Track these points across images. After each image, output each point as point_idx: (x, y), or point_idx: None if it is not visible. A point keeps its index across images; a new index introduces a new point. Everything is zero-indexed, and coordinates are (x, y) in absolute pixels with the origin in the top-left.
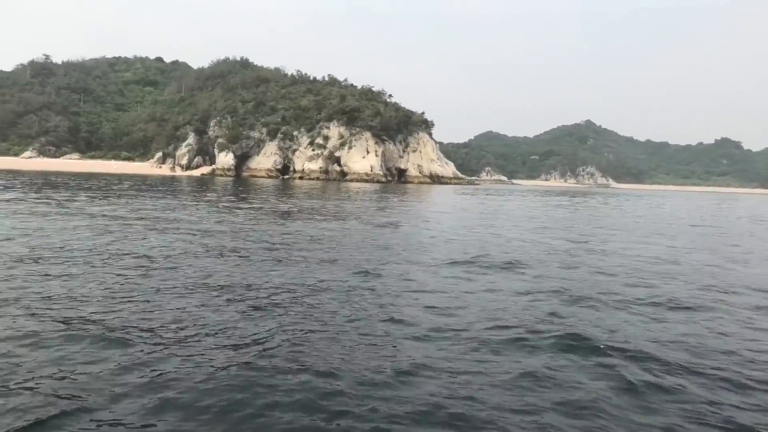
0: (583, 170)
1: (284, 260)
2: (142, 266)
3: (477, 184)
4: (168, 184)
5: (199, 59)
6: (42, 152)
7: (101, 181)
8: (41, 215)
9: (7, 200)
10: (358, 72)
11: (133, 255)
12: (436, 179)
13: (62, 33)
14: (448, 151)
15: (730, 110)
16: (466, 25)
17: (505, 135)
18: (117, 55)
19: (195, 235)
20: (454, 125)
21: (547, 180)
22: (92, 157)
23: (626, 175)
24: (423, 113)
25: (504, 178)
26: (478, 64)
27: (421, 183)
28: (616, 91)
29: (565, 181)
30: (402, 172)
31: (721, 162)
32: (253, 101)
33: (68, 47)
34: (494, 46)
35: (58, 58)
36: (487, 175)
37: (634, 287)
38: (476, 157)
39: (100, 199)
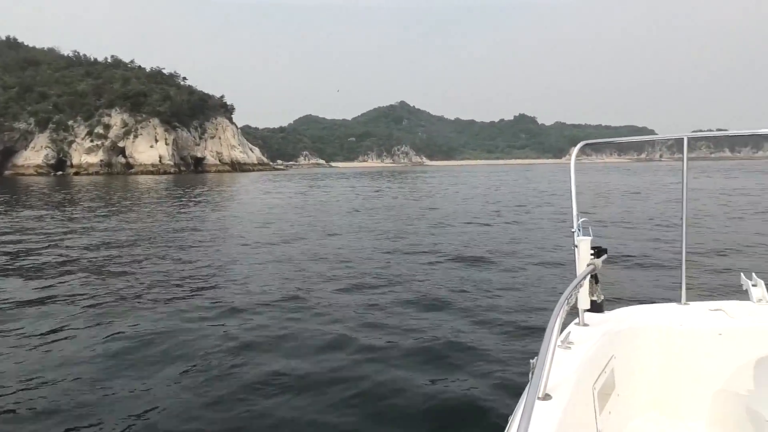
0: (399, 150)
1: None
2: None
3: (284, 170)
4: None
5: None
6: None
7: None
8: None
9: None
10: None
11: None
12: (238, 167)
13: None
14: (264, 136)
15: (525, 89)
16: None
17: (324, 118)
18: None
19: None
20: (272, 110)
21: (364, 161)
22: None
23: (438, 152)
24: (222, 96)
25: (322, 161)
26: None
27: (220, 171)
28: (428, 72)
29: (382, 162)
30: (199, 161)
31: (520, 136)
32: (18, 86)
33: None
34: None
35: None
36: (305, 160)
37: None
38: (293, 142)
39: None
